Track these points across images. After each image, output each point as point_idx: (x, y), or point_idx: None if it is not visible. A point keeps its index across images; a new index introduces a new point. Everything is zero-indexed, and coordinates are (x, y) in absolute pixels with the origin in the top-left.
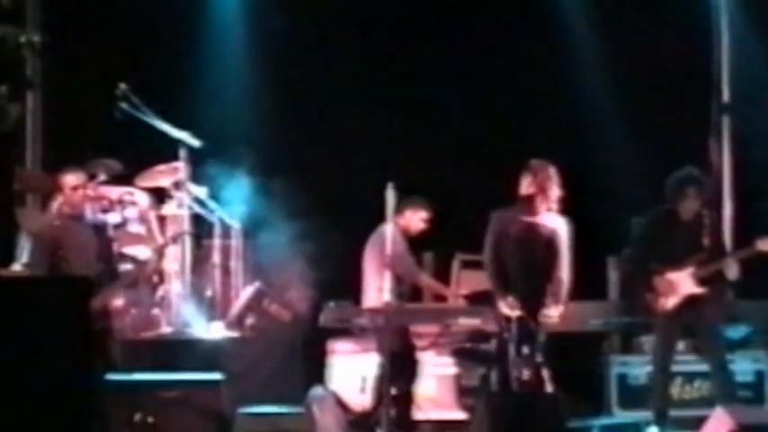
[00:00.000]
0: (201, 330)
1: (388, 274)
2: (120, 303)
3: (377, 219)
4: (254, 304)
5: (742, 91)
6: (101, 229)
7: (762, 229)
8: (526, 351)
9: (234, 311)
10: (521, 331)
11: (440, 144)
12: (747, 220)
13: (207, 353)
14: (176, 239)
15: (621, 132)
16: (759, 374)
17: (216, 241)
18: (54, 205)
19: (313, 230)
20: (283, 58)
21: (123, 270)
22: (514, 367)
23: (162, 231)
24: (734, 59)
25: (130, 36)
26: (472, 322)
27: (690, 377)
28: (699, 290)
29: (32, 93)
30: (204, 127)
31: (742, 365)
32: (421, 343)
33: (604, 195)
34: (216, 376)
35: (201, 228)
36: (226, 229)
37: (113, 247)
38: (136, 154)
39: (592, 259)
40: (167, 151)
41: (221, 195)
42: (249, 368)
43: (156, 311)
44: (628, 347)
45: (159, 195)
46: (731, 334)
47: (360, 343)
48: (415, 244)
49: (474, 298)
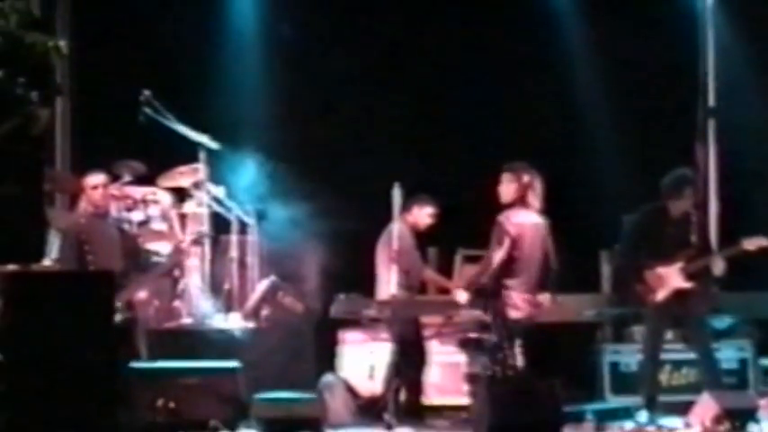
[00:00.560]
0: (219, 321)
1: (396, 269)
2: (143, 296)
3: (385, 217)
4: (268, 297)
5: (727, 95)
6: (125, 227)
7: (746, 229)
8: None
9: (250, 303)
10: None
11: (442, 143)
12: (732, 220)
13: (225, 342)
14: (198, 241)
15: (613, 133)
16: (743, 362)
17: (233, 237)
18: (81, 204)
19: (324, 228)
20: (294, 63)
21: (157, 261)
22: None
23: (183, 228)
24: (719, 64)
25: (154, 45)
26: (473, 313)
27: (678, 365)
28: (687, 284)
29: (61, 98)
30: (221, 129)
31: (727, 353)
32: (426, 333)
33: (597, 193)
34: (233, 364)
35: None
36: (242, 226)
37: (138, 243)
38: (158, 156)
39: (585, 253)
40: (187, 153)
41: (238, 187)
42: (264, 356)
43: (177, 303)
44: (619, 337)
45: (180, 195)
46: (717, 324)
47: (368, 333)
48: (421, 239)
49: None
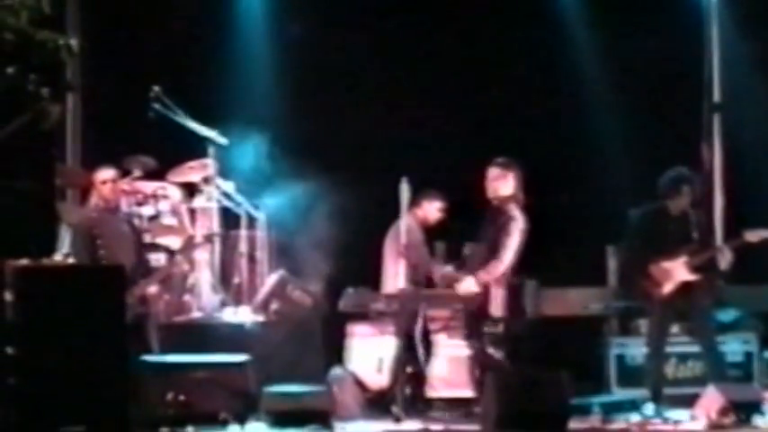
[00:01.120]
0: (229, 315)
1: (404, 263)
2: (154, 290)
3: (393, 211)
4: (278, 291)
5: (732, 91)
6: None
7: (751, 224)
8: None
9: (259, 297)
10: None
11: (450, 138)
12: (737, 215)
13: (234, 336)
14: (209, 240)
15: (619, 129)
16: (748, 355)
17: (242, 232)
18: (92, 199)
19: (332, 221)
20: (303, 59)
21: (156, 267)
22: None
23: (192, 223)
24: (724, 60)
25: (163, 41)
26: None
27: (683, 357)
28: (692, 277)
29: (72, 94)
30: (230, 125)
31: (732, 346)
32: (434, 326)
33: (603, 188)
34: (242, 358)
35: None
36: (251, 221)
37: (143, 239)
38: (168, 151)
39: (592, 248)
40: (197, 149)
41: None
42: (273, 350)
43: (188, 298)
44: (626, 330)
45: (190, 190)
46: (722, 317)
47: (376, 326)
48: (428, 234)
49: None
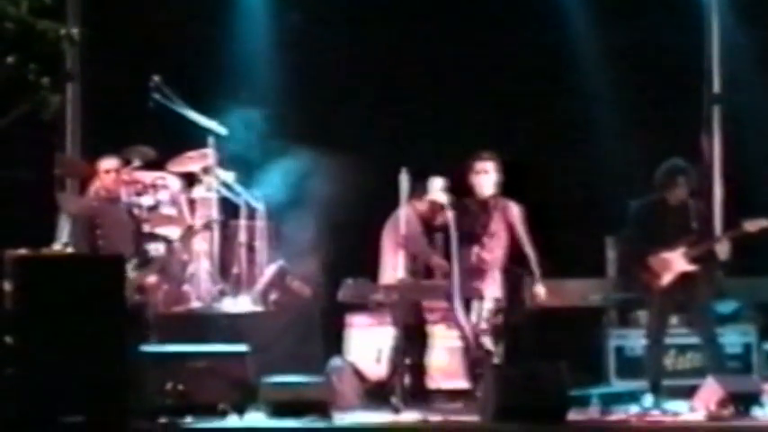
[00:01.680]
0: (228, 305)
1: (402, 254)
2: (153, 280)
3: (393, 202)
4: (277, 281)
5: (732, 81)
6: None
7: (751, 215)
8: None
9: (258, 288)
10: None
11: (449, 129)
12: (737, 206)
13: (233, 326)
14: (208, 227)
15: (618, 120)
16: (747, 346)
17: (242, 222)
18: (92, 189)
19: (331, 212)
20: (302, 49)
21: (154, 256)
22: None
23: (192, 213)
24: (724, 51)
25: (164, 31)
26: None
27: (682, 349)
28: (691, 268)
29: (72, 84)
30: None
31: (731, 338)
32: (432, 317)
33: (603, 179)
34: (241, 348)
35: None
36: (251, 211)
37: (141, 229)
38: (168, 141)
39: (591, 239)
40: (197, 139)
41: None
42: (272, 340)
43: (187, 287)
44: (625, 321)
45: (189, 180)
46: (721, 309)
47: (375, 317)
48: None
49: None
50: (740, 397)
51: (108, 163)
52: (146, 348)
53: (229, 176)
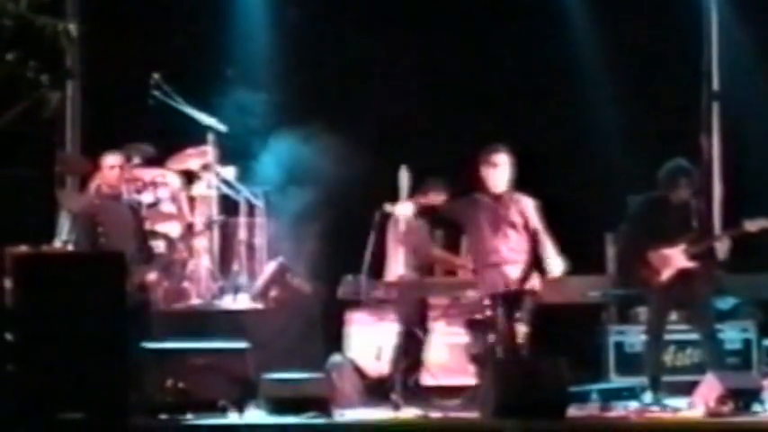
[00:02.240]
0: (228, 302)
1: (403, 249)
2: (153, 277)
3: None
4: (277, 278)
5: (731, 79)
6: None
7: (750, 213)
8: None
9: (258, 285)
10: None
11: (450, 125)
12: (736, 204)
13: (233, 323)
14: (209, 227)
15: (618, 116)
16: (746, 342)
17: (242, 219)
18: (92, 186)
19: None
20: (302, 45)
21: (157, 254)
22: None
23: (192, 211)
24: (723, 49)
25: (163, 28)
26: (477, 294)
27: (682, 345)
28: (690, 264)
29: (72, 81)
30: (229, 112)
31: (730, 334)
32: (433, 313)
33: (602, 176)
34: (242, 344)
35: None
36: (251, 208)
37: (144, 226)
38: (168, 138)
39: (590, 235)
40: (196, 136)
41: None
42: (273, 337)
43: (187, 284)
44: (624, 318)
45: (189, 177)
46: (720, 305)
47: (375, 313)
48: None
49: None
50: (740, 393)
51: (111, 159)
52: (146, 345)
53: (229, 173)
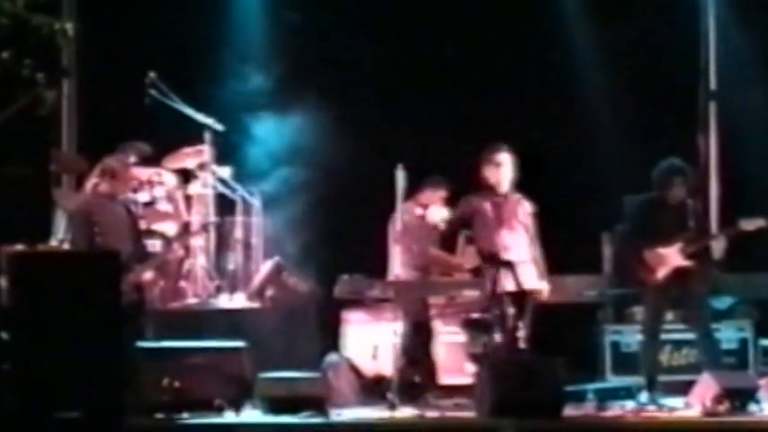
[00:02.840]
0: (224, 301)
1: (401, 248)
2: (149, 277)
3: (390, 198)
4: (273, 277)
5: (728, 78)
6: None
7: (747, 213)
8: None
9: (255, 284)
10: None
11: (446, 125)
12: (733, 203)
13: (230, 322)
14: (205, 229)
15: (614, 116)
16: (743, 342)
17: (238, 218)
18: (88, 185)
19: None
20: (298, 46)
21: (152, 253)
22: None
23: (188, 210)
24: (720, 48)
25: (159, 27)
26: (474, 294)
27: (678, 345)
28: (686, 263)
29: (68, 80)
30: (226, 111)
31: (727, 334)
32: (430, 313)
33: (599, 176)
34: (238, 344)
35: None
36: (247, 207)
37: (138, 225)
38: (164, 137)
39: (587, 235)
40: (193, 135)
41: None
42: (269, 336)
43: (183, 284)
44: (620, 317)
45: (185, 176)
46: (717, 305)
47: (372, 313)
48: None
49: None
50: (736, 393)
51: (123, 157)
52: (142, 344)
53: (225, 172)
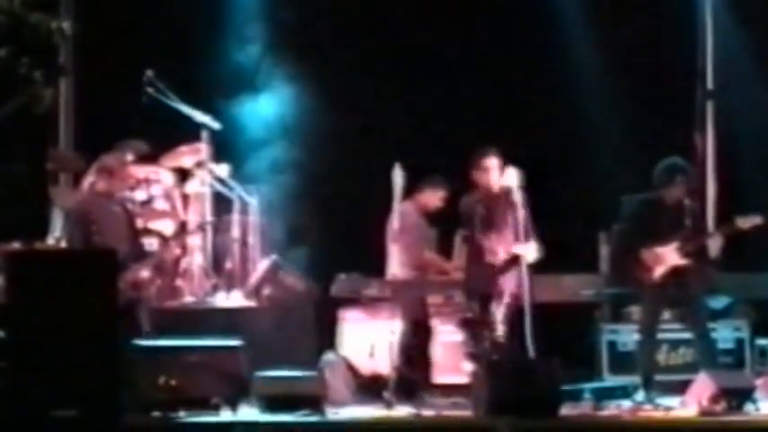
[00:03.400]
0: (221, 300)
1: (398, 248)
2: (146, 275)
3: (387, 197)
4: (270, 276)
5: (725, 78)
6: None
7: (744, 212)
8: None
9: (251, 282)
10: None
11: (444, 124)
12: (730, 203)
13: (227, 320)
14: (201, 228)
15: (612, 116)
16: (739, 342)
17: (235, 217)
18: (85, 183)
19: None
20: (296, 45)
21: (150, 252)
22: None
23: (185, 208)
24: (718, 48)
25: (157, 25)
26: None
27: (675, 344)
28: (683, 262)
29: (65, 78)
30: (223, 110)
31: (724, 333)
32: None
33: (596, 175)
34: (235, 342)
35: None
36: (244, 206)
37: (135, 224)
38: (161, 136)
39: (584, 234)
40: (190, 133)
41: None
42: (266, 335)
43: (180, 282)
44: (617, 317)
45: (182, 174)
46: (713, 304)
47: (369, 312)
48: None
49: None
50: (732, 392)
51: (121, 155)
52: (138, 343)
53: (223, 171)
